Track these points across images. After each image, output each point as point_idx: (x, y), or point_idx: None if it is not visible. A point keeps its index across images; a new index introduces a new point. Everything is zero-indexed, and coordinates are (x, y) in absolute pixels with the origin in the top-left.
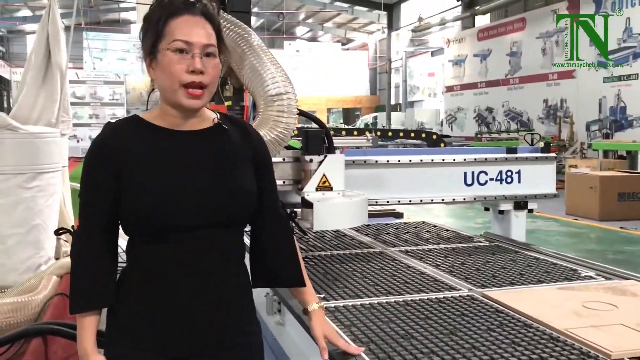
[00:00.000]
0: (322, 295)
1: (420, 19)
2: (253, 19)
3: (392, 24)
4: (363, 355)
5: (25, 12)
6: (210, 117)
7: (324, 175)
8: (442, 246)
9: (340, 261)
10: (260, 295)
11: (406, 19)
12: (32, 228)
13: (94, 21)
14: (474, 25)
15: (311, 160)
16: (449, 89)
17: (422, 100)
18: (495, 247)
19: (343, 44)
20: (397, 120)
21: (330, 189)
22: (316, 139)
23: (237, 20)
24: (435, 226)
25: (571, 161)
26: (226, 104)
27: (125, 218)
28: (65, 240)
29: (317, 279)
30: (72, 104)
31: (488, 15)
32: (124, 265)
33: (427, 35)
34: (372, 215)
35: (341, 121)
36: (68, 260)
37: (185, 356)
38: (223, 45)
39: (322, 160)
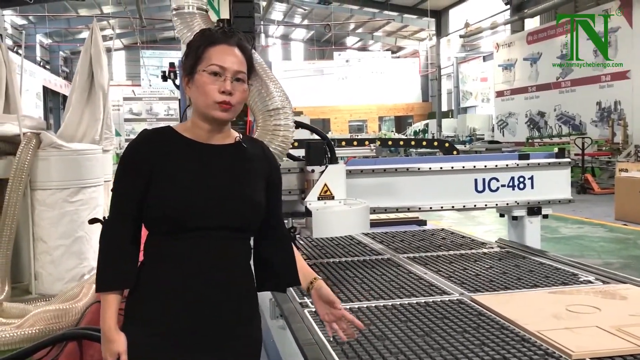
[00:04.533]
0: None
1: (467, 25)
2: (303, 31)
3: (441, 30)
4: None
5: (86, 34)
6: (233, 136)
7: (325, 184)
8: (451, 252)
9: (345, 267)
10: (265, 300)
11: (455, 24)
12: (76, 240)
13: (150, 40)
14: (523, 29)
15: (313, 171)
16: (499, 94)
17: (476, 105)
18: (505, 253)
19: (394, 52)
20: (449, 127)
21: (331, 197)
22: (317, 150)
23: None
24: (452, 233)
25: (622, 165)
26: None
27: (148, 213)
28: None
29: None
30: (129, 120)
31: (537, 18)
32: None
33: (479, 40)
34: (393, 223)
35: (393, 129)
36: None
37: (191, 345)
38: (252, 72)
39: (324, 171)
